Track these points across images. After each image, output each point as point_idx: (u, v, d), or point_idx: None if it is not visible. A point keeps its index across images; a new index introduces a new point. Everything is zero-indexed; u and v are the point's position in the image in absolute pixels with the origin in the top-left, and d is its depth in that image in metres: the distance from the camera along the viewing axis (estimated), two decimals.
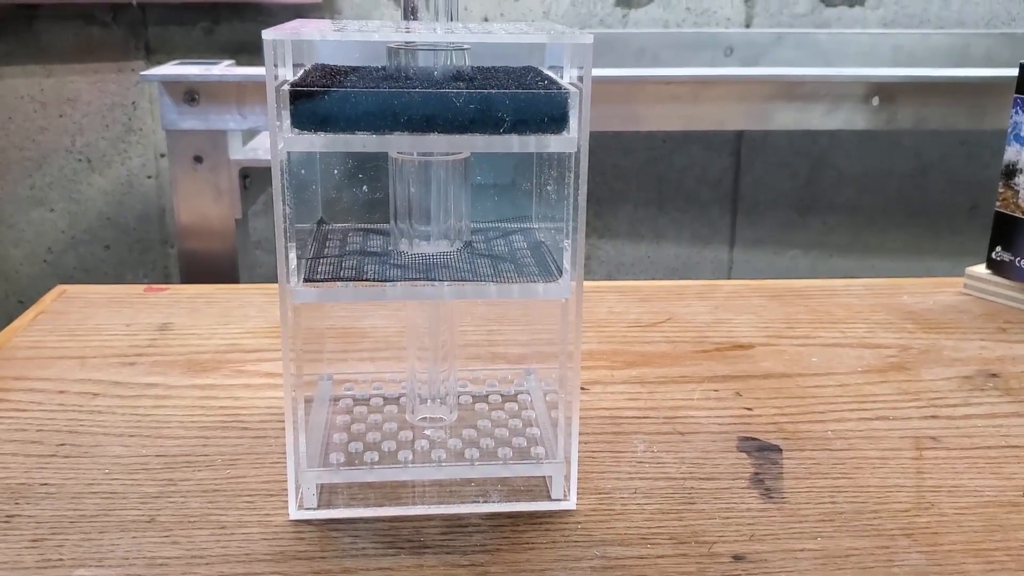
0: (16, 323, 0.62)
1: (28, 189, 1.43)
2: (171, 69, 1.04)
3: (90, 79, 1.39)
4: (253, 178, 1.08)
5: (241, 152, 1.06)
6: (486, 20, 1.39)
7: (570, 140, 0.38)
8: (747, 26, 1.42)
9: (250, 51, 1.36)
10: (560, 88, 0.38)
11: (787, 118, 1.08)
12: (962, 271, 0.71)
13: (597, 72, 1.04)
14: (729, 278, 1.52)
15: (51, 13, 1.36)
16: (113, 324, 0.63)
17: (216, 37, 1.38)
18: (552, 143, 0.38)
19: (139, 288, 0.69)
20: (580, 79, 0.38)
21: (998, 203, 0.69)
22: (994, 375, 0.56)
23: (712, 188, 1.48)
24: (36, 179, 1.43)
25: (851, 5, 1.42)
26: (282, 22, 0.40)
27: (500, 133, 0.37)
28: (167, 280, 1.48)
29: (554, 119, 0.37)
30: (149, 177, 1.43)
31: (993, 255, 0.69)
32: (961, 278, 0.71)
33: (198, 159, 1.03)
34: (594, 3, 1.40)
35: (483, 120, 0.37)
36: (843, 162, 1.48)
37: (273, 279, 0.39)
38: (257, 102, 1.00)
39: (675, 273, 1.52)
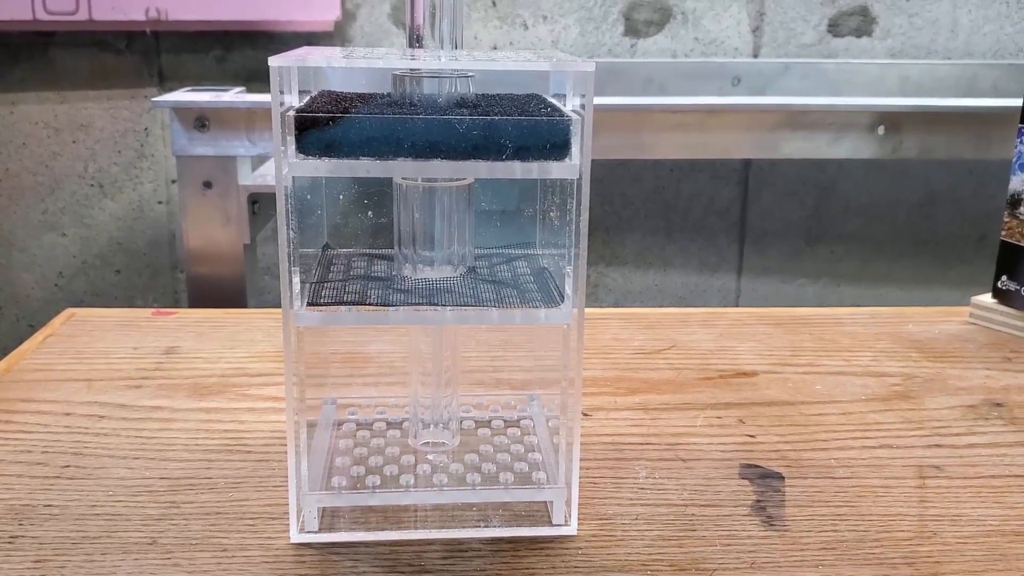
0: (25, 345, 0.63)
1: (40, 214, 1.44)
2: (182, 95, 1.06)
3: (103, 106, 1.40)
4: (262, 204, 1.09)
5: (250, 178, 1.07)
6: (495, 49, 1.40)
7: (572, 167, 0.38)
8: (755, 56, 1.43)
9: (261, 79, 1.37)
10: (562, 115, 0.38)
11: (793, 147, 1.09)
12: (970, 301, 0.71)
13: (605, 101, 1.05)
14: (737, 307, 1.52)
15: (66, 40, 1.37)
16: (120, 347, 0.63)
17: (228, 65, 1.39)
18: (554, 169, 0.38)
19: (147, 312, 0.70)
20: (582, 106, 0.38)
21: (1003, 232, 0.69)
22: (999, 404, 0.56)
23: (720, 217, 1.49)
24: (49, 204, 1.44)
25: (859, 35, 1.43)
26: (293, 50, 0.41)
27: (503, 159, 0.38)
28: (176, 306, 1.48)
29: (556, 146, 0.38)
30: (160, 203, 1.44)
31: (999, 284, 0.69)
32: (967, 307, 0.71)
33: (207, 185, 1.04)
34: (603, 33, 1.41)
35: (486, 146, 0.37)
36: (851, 191, 1.48)
37: (280, 305, 0.39)
38: (266, 128, 1.01)
39: (682, 301, 1.52)
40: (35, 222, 1.45)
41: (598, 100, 1.02)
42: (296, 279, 0.39)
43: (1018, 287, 0.68)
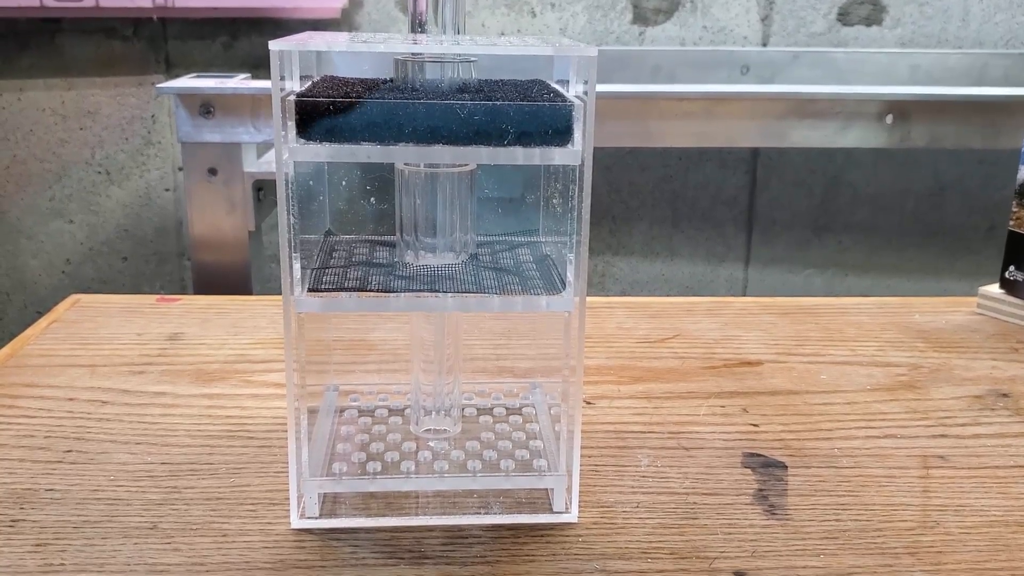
0: (29, 331, 0.63)
1: (48, 201, 1.44)
2: (187, 82, 1.05)
3: (110, 92, 1.40)
4: (267, 191, 1.09)
5: (255, 165, 1.07)
6: (502, 35, 1.40)
7: (574, 153, 0.38)
8: (764, 45, 1.42)
9: (267, 66, 1.37)
10: (565, 101, 0.38)
11: (800, 135, 1.08)
12: (978, 291, 0.71)
13: (612, 88, 1.04)
14: (744, 297, 1.52)
15: (73, 27, 1.37)
16: (124, 333, 0.63)
17: (235, 52, 1.39)
18: (556, 156, 0.38)
19: (151, 298, 0.70)
20: (585, 92, 0.38)
21: (1011, 223, 0.69)
22: (1005, 395, 0.56)
23: (727, 206, 1.48)
24: (56, 191, 1.44)
25: (869, 24, 1.42)
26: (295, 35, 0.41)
27: (504, 145, 0.37)
28: (183, 293, 1.48)
29: (558, 132, 0.37)
30: (167, 190, 1.45)
31: (1006, 275, 0.69)
32: (974, 298, 0.71)
33: (213, 171, 1.04)
34: (611, 20, 1.41)
35: (488, 132, 0.37)
36: (859, 181, 1.48)
37: None
38: (271, 115, 1.01)
39: (689, 291, 1.51)
40: (42, 209, 1.45)
41: (605, 87, 1.02)
42: (297, 265, 0.39)
43: None
